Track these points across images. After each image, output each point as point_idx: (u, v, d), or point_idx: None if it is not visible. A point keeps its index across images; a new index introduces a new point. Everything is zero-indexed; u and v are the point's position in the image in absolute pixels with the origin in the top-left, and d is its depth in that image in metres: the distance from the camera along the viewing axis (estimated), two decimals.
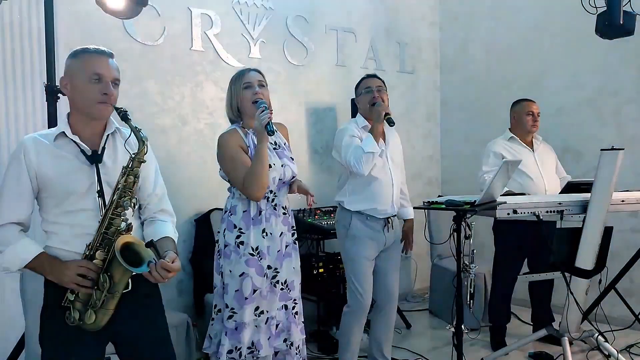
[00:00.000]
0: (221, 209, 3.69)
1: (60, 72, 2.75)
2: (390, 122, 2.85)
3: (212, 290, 3.41)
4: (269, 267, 2.49)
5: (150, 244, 1.70)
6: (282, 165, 2.53)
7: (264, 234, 2.48)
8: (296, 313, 2.62)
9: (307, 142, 4.33)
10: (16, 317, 2.65)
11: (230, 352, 2.46)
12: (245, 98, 2.50)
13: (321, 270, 3.75)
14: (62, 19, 3.02)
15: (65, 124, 1.81)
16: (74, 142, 1.79)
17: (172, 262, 1.73)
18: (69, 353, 1.76)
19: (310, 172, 4.31)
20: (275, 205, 2.54)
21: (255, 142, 2.46)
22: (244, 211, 2.50)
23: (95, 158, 1.78)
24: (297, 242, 2.67)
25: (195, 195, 3.69)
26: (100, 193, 1.77)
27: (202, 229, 3.67)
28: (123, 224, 1.73)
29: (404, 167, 3.19)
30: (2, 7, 2.58)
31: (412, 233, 3.21)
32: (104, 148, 1.82)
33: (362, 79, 3.08)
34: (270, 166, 2.45)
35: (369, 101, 2.95)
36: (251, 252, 2.45)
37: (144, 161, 1.79)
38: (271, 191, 2.51)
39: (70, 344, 1.75)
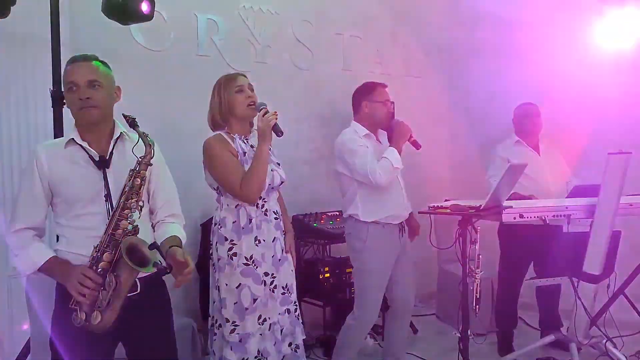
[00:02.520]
0: None
1: None
2: (417, 145, 2.97)
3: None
4: (265, 274, 2.49)
5: (154, 246, 1.75)
6: (271, 170, 2.52)
7: (257, 241, 2.48)
8: (297, 315, 2.63)
9: (312, 147, 4.33)
10: (22, 321, 2.67)
11: None
12: (238, 102, 2.51)
13: (327, 275, 3.74)
14: (67, 26, 3.05)
15: (74, 131, 1.89)
16: (83, 148, 1.85)
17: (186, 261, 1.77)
18: (78, 355, 1.80)
19: (316, 177, 4.30)
20: (266, 210, 2.53)
21: (243, 148, 2.49)
22: (233, 222, 2.49)
23: (103, 163, 1.85)
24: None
25: (201, 201, 3.69)
26: (108, 197, 1.83)
27: (208, 234, 3.66)
28: (130, 226, 1.77)
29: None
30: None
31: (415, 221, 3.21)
32: (111, 153, 1.89)
33: (378, 85, 3.07)
34: None
35: (386, 114, 3.01)
36: (245, 262, 2.45)
37: (150, 164, 1.84)
38: (261, 197, 2.50)
39: (80, 346, 1.80)
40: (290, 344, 2.58)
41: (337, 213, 3.93)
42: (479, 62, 4.98)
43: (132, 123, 1.84)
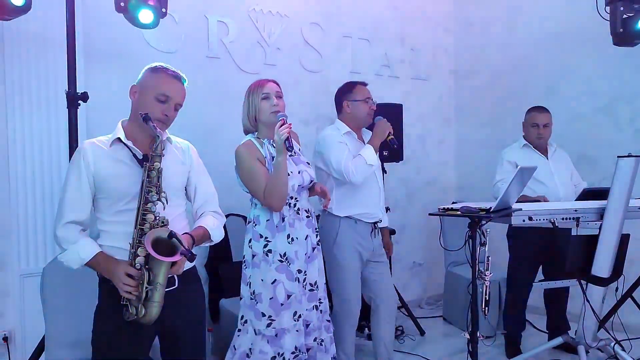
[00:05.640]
0: (237, 215, 3.74)
1: (80, 79, 2.83)
2: (393, 143, 2.92)
3: (227, 295, 3.46)
4: (298, 271, 2.53)
5: (170, 235, 1.78)
6: (299, 172, 2.57)
7: (289, 239, 2.52)
8: (321, 311, 2.67)
9: None
10: (36, 319, 2.69)
11: (273, 358, 2.48)
12: (264, 109, 2.54)
13: None
14: (82, 28, 3.08)
15: (120, 130, 1.94)
16: (127, 146, 1.91)
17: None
18: (119, 349, 1.87)
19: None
20: (298, 209, 2.58)
21: (272, 152, 2.52)
22: (267, 220, 2.53)
23: (146, 161, 1.88)
24: (320, 243, 2.73)
25: None
26: None
27: None
28: (152, 216, 1.82)
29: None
30: (24, 16, 2.63)
31: (390, 243, 3.31)
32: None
33: (357, 84, 3.07)
34: (288, 174, 2.49)
35: (367, 112, 3.00)
36: (280, 258, 2.50)
37: (162, 155, 1.88)
38: (292, 197, 2.55)
39: (121, 341, 1.87)
40: (315, 339, 2.64)
41: None
42: (486, 64, 5.00)
43: (145, 118, 1.88)
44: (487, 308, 2.72)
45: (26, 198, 3.00)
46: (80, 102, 2.64)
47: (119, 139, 1.92)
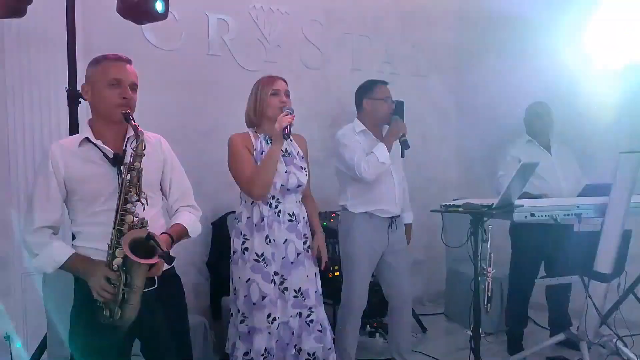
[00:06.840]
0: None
1: (81, 77, 2.82)
2: (406, 145, 2.98)
3: (229, 293, 3.47)
4: (275, 273, 2.50)
5: (149, 237, 1.74)
6: (285, 172, 2.54)
7: (267, 240, 2.50)
8: (311, 321, 2.60)
9: (321, 146, 4.34)
10: (38, 318, 2.69)
11: (246, 354, 2.49)
12: (272, 104, 2.54)
13: (337, 274, 3.75)
14: (82, 25, 3.07)
15: (87, 129, 1.89)
16: (97, 146, 1.86)
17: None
18: (97, 350, 1.82)
19: (323, 176, 4.29)
20: (280, 211, 2.54)
21: (264, 148, 2.52)
22: (247, 217, 2.54)
23: (117, 160, 1.85)
24: (310, 250, 2.66)
25: (212, 200, 3.72)
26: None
27: (218, 233, 3.70)
28: (131, 217, 1.77)
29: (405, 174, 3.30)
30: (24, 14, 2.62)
31: (409, 237, 3.31)
32: (125, 150, 1.89)
33: (378, 82, 3.11)
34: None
35: (386, 111, 3.04)
36: (256, 258, 2.48)
37: (143, 155, 1.83)
38: (274, 197, 2.53)
39: (99, 342, 1.82)
40: (295, 345, 2.57)
41: None
42: (487, 60, 4.98)
43: (126, 117, 1.84)
44: (489, 305, 2.72)
45: (27, 197, 2.99)
46: (80, 99, 2.63)
47: (87, 138, 1.87)
